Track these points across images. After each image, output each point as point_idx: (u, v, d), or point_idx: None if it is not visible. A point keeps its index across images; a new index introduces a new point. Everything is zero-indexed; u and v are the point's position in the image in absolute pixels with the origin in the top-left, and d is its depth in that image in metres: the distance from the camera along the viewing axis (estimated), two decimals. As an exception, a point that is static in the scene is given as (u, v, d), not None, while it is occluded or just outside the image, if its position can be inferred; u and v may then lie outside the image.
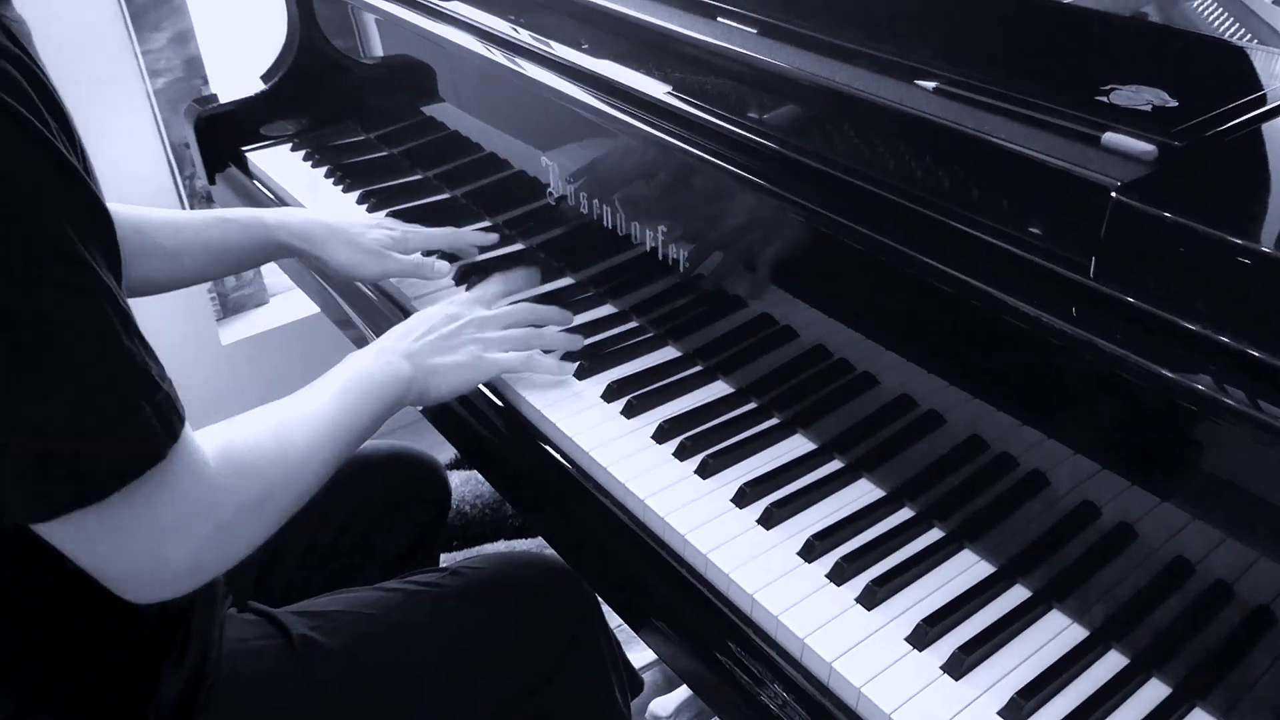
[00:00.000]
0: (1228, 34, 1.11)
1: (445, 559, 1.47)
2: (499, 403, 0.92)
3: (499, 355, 0.89)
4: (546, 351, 0.93)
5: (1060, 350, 0.62)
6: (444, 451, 1.43)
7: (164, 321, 1.66)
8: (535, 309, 0.96)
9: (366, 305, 1.11)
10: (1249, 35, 1.09)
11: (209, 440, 0.66)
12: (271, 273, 1.90)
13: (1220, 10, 1.16)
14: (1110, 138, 0.67)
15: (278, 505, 0.71)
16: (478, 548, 1.74)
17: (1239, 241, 0.56)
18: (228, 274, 1.32)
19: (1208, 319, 0.56)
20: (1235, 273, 0.56)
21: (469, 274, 1.08)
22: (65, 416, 0.55)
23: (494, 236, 1.11)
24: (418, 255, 1.05)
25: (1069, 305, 0.61)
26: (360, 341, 1.15)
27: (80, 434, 0.56)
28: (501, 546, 1.73)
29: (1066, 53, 0.86)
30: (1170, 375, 0.56)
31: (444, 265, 1.04)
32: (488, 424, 0.92)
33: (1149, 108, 0.70)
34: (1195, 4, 1.19)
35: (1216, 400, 0.54)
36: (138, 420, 0.58)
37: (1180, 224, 0.58)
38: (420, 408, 0.92)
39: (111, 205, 0.92)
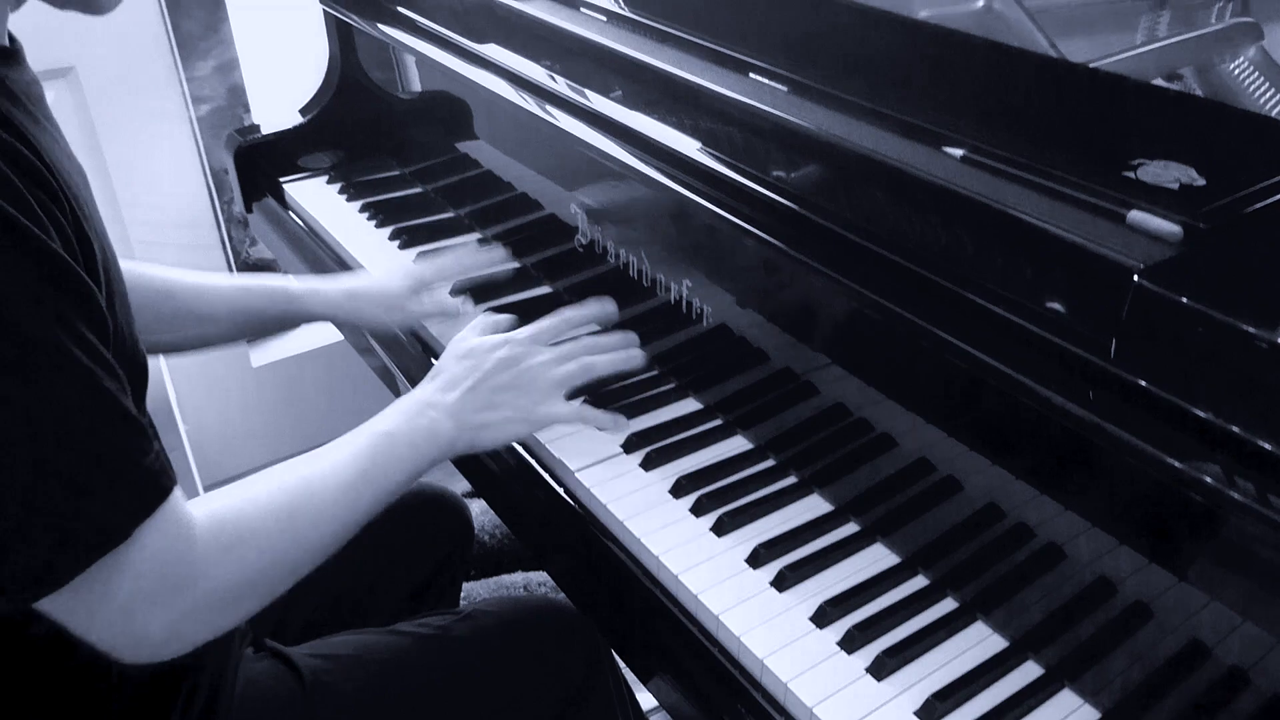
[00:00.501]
0: (1263, 98, 1.11)
1: (466, 587, 1.48)
2: (518, 448, 0.93)
3: (553, 408, 0.85)
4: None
5: (1075, 432, 0.61)
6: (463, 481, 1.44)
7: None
8: (597, 342, 0.91)
9: (389, 339, 1.12)
10: (1284, 101, 1.09)
11: (203, 507, 0.65)
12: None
13: (1257, 75, 1.16)
14: (1136, 216, 0.67)
15: (276, 577, 0.69)
16: (495, 578, 1.75)
17: (1258, 332, 0.56)
18: (255, 338, 1.32)
19: (1224, 410, 0.56)
20: (1254, 364, 0.56)
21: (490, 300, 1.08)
22: (50, 488, 0.55)
23: (501, 253, 1.11)
24: (442, 294, 1.05)
25: (1086, 388, 0.61)
26: (382, 370, 1.16)
27: (65, 497, 0.56)
28: (519, 578, 1.73)
29: (1098, 121, 0.86)
30: (1178, 466, 0.55)
31: (468, 305, 1.04)
32: (500, 463, 0.93)
33: (1176, 185, 0.70)
34: (1232, 67, 1.18)
35: (1223, 494, 0.54)
36: (123, 485, 0.58)
37: (1201, 312, 0.58)
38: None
39: (142, 267, 0.96)
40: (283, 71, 1.65)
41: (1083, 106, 0.88)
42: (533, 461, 0.91)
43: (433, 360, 1.05)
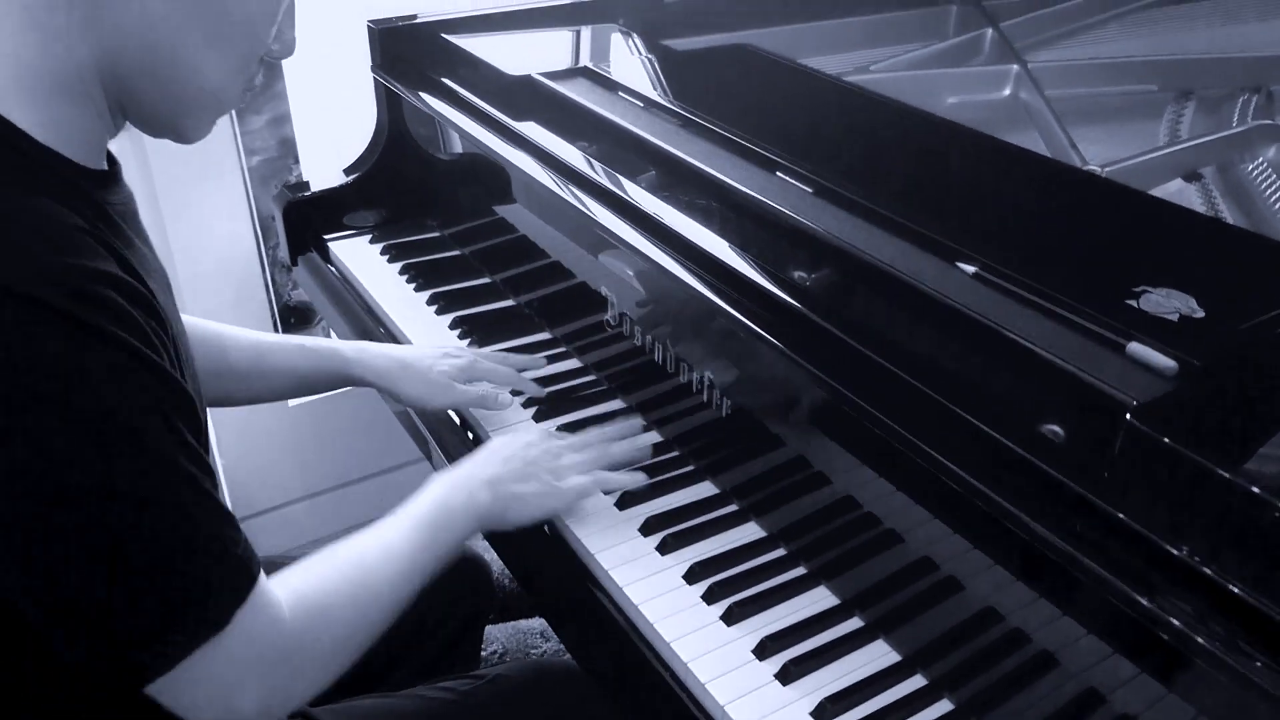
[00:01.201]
0: (1276, 202, 1.14)
1: (486, 631, 1.52)
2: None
3: (573, 481, 0.93)
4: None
5: (1066, 561, 0.64)
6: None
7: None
8: (605, 431, 1.01)
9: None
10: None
11: (283, 588, 0.70)
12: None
13: (1274, 177, 1.18)
14: (1135, 348, 0.71)
15: (353, 646, 0.74)
16: (514, 622, 1.79)
17: (1240, 481, 0.59)
18: (302, 396, 1.39)
19: (1205, 552, 0.59)
20: (1234, 510, 0.59)
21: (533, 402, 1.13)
22: (156, 577, 0.60)
23: (546, 370, 1.15)
24: (485, 385, 1.09)
25: (1074, 520, 0.64)
26: (405, 417, 1.21)
27: (170, 589, 0.61)
28: (537, 624, 1.77)
29: (1109, 240, 0.89)
30: (1147, 605, 0.58)
31: (507, 398, 1.08)
32: (525, 538, 0.97)
33: (1176, 317, 0.73)
34: (1250, 168, 1.21)
35: (1192, 639, 0.57)
36: (220, 574, 0.63)
37: (1186, 456, 0.61)
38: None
39: (199, 321, 1.02)
40: (332, 128, 1.71)
41: (1096, 222, 0.92)
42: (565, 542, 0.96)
43: (451, 415, 1.12)
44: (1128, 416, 0.64)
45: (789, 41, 1.51)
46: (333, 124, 1.70)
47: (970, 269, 0.81)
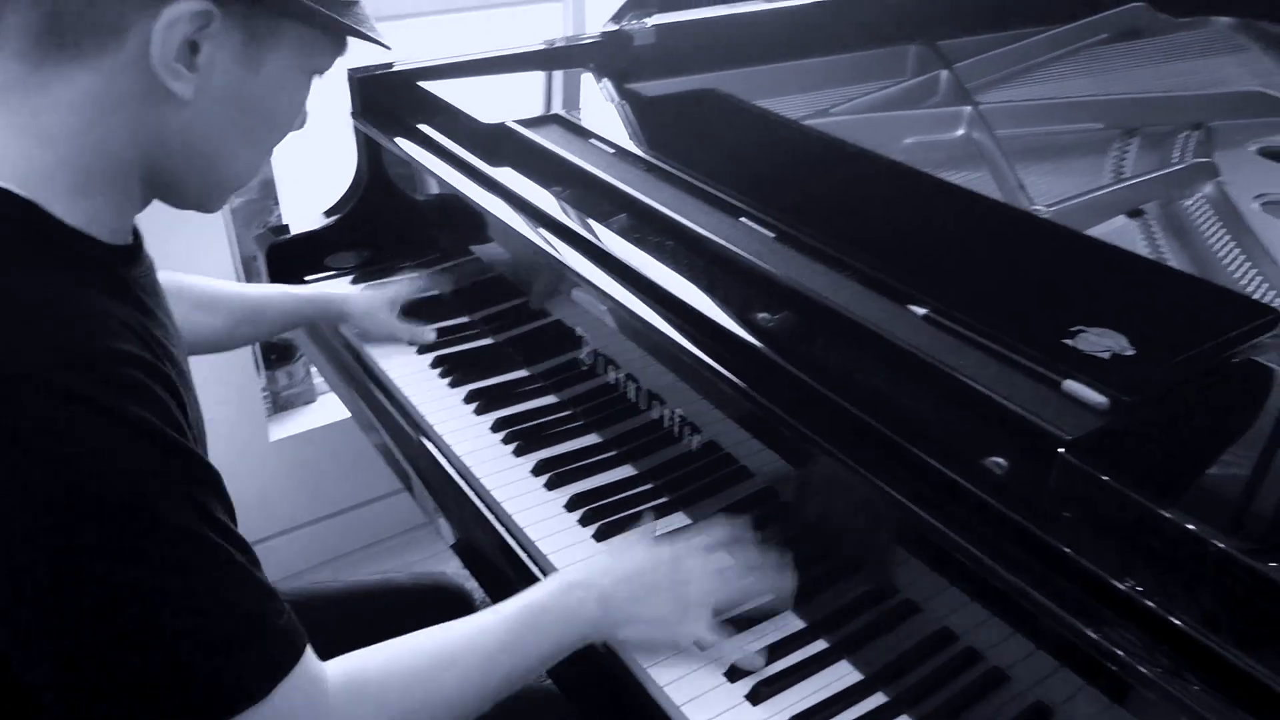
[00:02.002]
0: (1211, 237, 1.20)
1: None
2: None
3: (698, 629, 0.86)
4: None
5: (1011, 590, 0.70)
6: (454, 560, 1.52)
7: (215, 412, 1.78)
8: (752, 568, 0.91)
9: (382, 412, 1.23)
10: (1232, 242, 1.18)
11: (338, 666, 0.70)
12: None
13: (1210, 212, 1.25)
14: (1070, 385, 0.76)
15: None
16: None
17: (1162, 512, 0.64)
18: (261, 338, 1.60)
19: (1134, 577, 0.64)
20: (1159, 541, 0.64)
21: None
22: (195, 655, 0.61)
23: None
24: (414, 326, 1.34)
25: (1015, 548, 0.69)
26: (383, 448, 1.25)
27: (209, 666, 0.62)
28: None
29: (1050, 281, 0.95)
30: (1092, 636, 0.63)
31: (430, 335, 1.33)
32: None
33: (1108, 355, 0.79)
34: (1189, 204, 1.28)
35: (1134, 669, 0.62)
36: (260, 647, 0.64)
37: (1113, 488, 0.66)
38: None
39: (189, 280, 1.18)
40: (311, 170, 1.76)
41: (1039, 263, 0.98)
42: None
43: (430, 449, 1.16)
44: (1060, 451, 0.69)
45: (755, 82, 1.58)
46: (312, 167, 1.75)
47: (920, 311, 0.87)
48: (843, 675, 0.86)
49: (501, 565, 1.01)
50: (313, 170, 1.73)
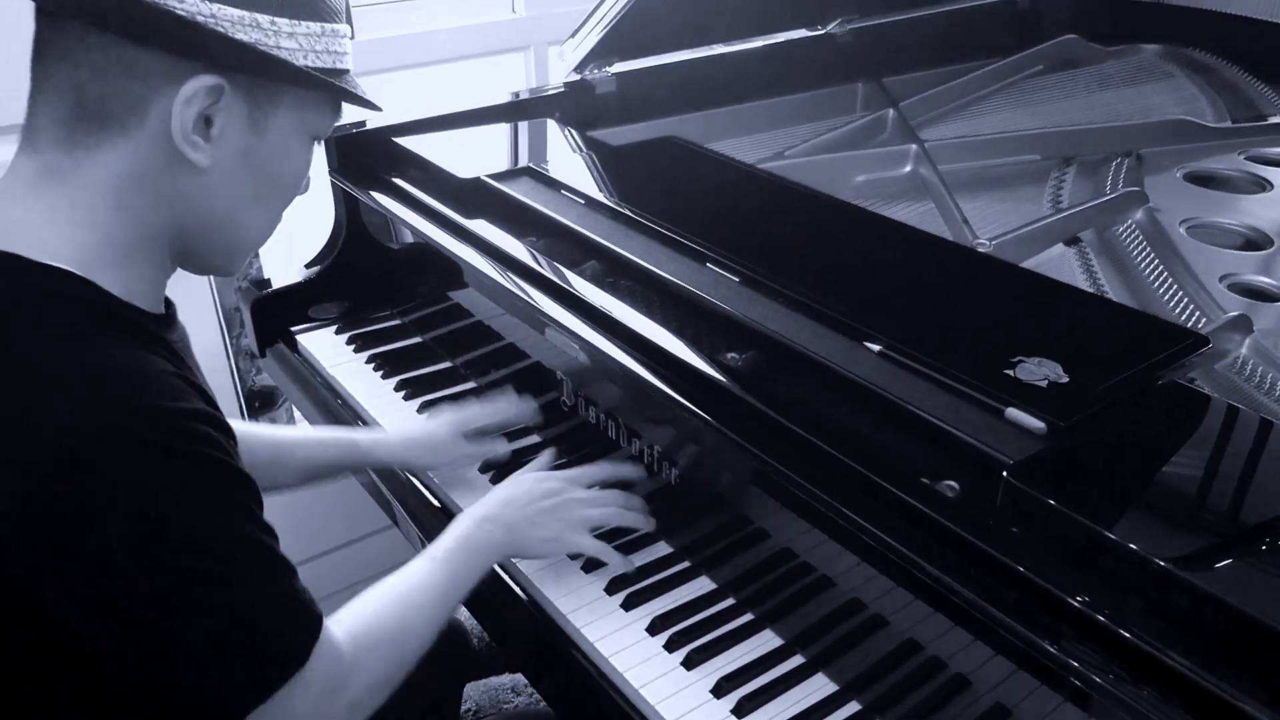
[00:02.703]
0: (1142, 262, 1.29)
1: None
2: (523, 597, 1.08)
3: (581, 539, 1.04)
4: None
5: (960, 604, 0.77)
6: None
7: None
8: (621, 495, 1.10)
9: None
10: (1162, 267, 1.28)
11: (338, 625, 0.82)
12: (305, 416, 2.07)
13: (1141, 239, 1.35)
14: (1012, 413, 0.84)
15: (398, 671, 0.86)
16: (485, 680, 1.87)
17: (1098, 529, 0.72)
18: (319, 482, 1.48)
19: (1076, 589, 0.72)
20: (1096, 552, 0.72)
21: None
22: (255, 633, 0.73)
23: (531, 405, 1.26)
24: (488, 443, 1.23)
25: (968, 565, 0.77)
26: (370, 486, 1.31)
27: (264, 640, 0.74)
28: (506, 680, 1.86)
29: (992, 315, 1.04)
30: (1048, 648, 0.71)
31: (505, 447, 1.23)
32: (505, 603, 1.08)
33: (1045, 383, 0.87)
34: (1120, 231, 1.38)
35: (1085, 674, 0.69)
36: (298, 619, 0.76)
37: (1052, 507, 0.74)
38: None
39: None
40: (289, 224, 1.81)
41: (982, 298, 1.06)
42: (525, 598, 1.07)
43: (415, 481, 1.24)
44: (1004, 474, 0.77)
45: (713, 124, 1.66)
46: (290, 220, 1.80)
47: (875, 347, 0.95)
48: (821, 687, 0.94)
49: (488, 595, 1.08)
50: (291, 224, 1.78)
